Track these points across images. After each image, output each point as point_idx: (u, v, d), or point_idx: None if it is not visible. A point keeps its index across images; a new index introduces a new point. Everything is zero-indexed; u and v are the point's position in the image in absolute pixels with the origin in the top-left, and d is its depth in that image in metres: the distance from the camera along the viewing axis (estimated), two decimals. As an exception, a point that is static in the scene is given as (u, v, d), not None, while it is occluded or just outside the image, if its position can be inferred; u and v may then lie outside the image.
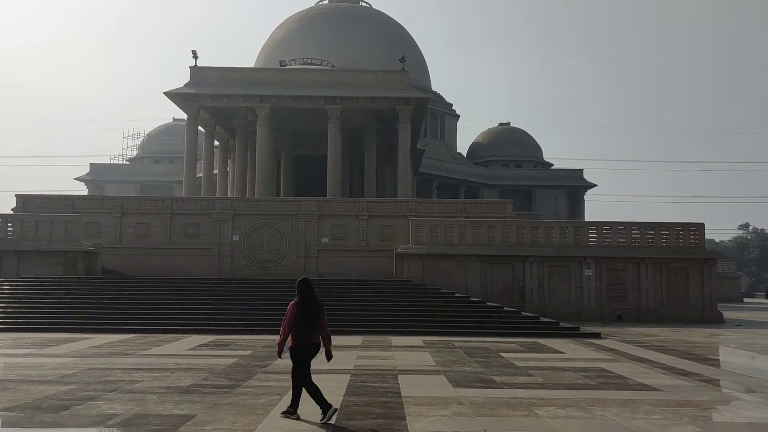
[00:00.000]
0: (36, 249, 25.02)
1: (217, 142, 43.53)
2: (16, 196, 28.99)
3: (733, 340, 18.63)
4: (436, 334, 17.75)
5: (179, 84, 36.13)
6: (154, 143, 63.44)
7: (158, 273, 26.63)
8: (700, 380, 10.87)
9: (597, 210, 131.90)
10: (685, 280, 26.34)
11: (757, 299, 66.97)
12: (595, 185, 63.64)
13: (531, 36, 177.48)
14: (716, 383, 10.68)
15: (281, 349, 7.48)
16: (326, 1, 57.54)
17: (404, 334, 17.69)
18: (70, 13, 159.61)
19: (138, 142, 65.00)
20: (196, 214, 29.22)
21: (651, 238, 26.79)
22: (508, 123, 68.98)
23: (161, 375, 10.60)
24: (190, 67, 36.53)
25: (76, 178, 60.58)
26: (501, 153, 64.76)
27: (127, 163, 64.21)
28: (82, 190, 59.02)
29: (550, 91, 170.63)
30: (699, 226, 27.06)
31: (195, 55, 36.73)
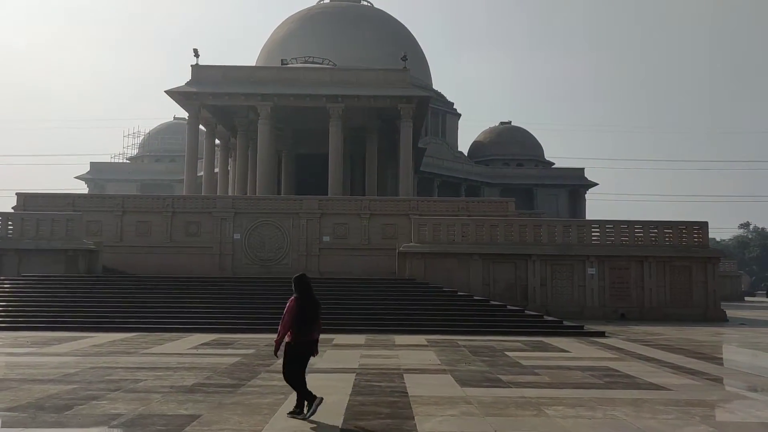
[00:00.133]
0: (37, 247, 24.92)
1: (218, 141, 43.41)
2: (16, 194, 28.89)
3: (738, 339, 18.52)
4: (439, 333, 17.65)
5: (180, 83, 36.03)
6: (154, 142, 63.30)
7: (159, 271, 26.53)
8: (708, 379, 10.78)
9: (598, 209, 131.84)
10: (688, 278, 26.24)
11: (758, 298, 66.90)
12: (596, 184, 63.50)
13: (532, 35, 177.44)
14: (725, 382, 10.58)
15: (279, 347, 7.35)
16: (327, 0, 57.39)
17: (408, 333, 17.60)
18: (71, 12, 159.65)
19: (138, 140, 64.88)
20: (198, 212, 29.12)
21: (654, 236, 26.69)
22: (510, 122, 68.84)
23: (164, 374, 10.50)
24: (192, 65, 36.42)
25: (76, 177, 60.48)
26: (502, 152, 64.62)
27: (128, 161, 64.07)
28: (82, 189, 58.92)
29: (552, 90, 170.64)
30: (702, 225, 26.96)
31: (196, 53, 36.62)
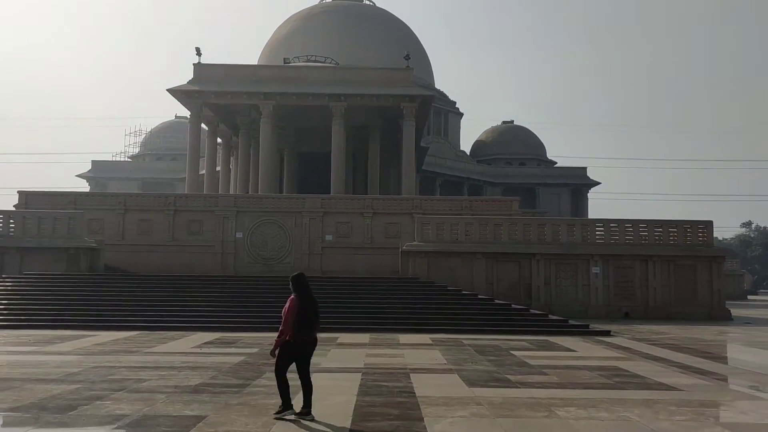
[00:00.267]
0: (39, 245, 24.83)
1: (220, 140, 43.28)
2: (18, 192, 28.77)
3: (744, 338, 18.39)
4: (444, 332, 17.52)
5: (181, 82, 35.90)
6: (156, 140, 63.18)
7: (161, 270, 26.42)
8: (718, 379, 10.66)
9: (600, 208, 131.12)
10: (693, 277, 26.09)
11: (760, 297, 66.73)
12: (598, 183, 63.27)
13: (535, 34, 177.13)
14: (735, 382, 10.45)
15: (278, 346, 7.21)
16: (329, -1, 57.22)
17: (412, 332, 17.47)
18: (73, 10, 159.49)
19: (140, 139, 64.76)
20: (200, 211, 28.99)
21: (659, 235, 26.55)
22: (512, 121, 68.64)
23: (168, 373, 10.39)
24: (194, 64, 36.29)
25: (78, 175, 60.38)
26: (504, 151, 64.42)
27: (129, 160, 63.96)
28: (84, 188, 58.80)
29: (554, 89, 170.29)
30: (707, 224, 26.82)
31: (198, 52, 36.49)
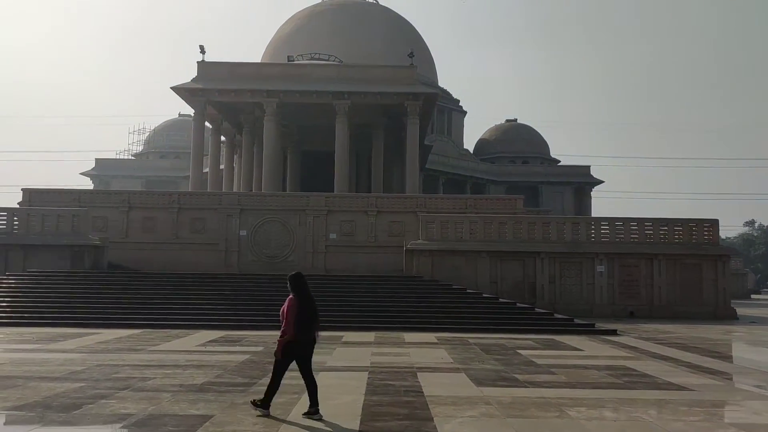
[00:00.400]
0: (43, 243, 24.78)
1: (224, 138, 43.20)
2: (22, 190, 28.71)
3: (751, 337, 18.27)
4: (449, 331, 17.42)
5: (184, 80, 35.82)
6: (159, 139, 63.15)
7: (165, 268, 26.35)
8: (728, 379, 10.55)
9: (604, 206, 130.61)
10: (698, 276, 25.95)
11: (763, 296, 66.48)
12: (602, 182, 63.03)
13: (538, 32, 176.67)
14: (745, 382, 10.32)
15: (282, 347, 7.11)
16: (332, -4, 57.03)
17: (417, 331, 17.38)
18: (75, 8, 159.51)
19: (144, 137, 64.72)
20: (203, 208, 28.91)
21: (664, 234, 26.43)
22: (515, 119, 68.44)
23: (173, 372, 10.31)
24: (198, 62, 36.22)
25: (81, 173, 60.41)
26: (508, 149, 64.23)
27: (133, 158, 63.94)
28: (87, 185, 58.81)
29: (557, 87, 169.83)
30: (713, 222, 26.67)
31: (202, 50, 36.43)
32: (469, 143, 65.66)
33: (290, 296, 7.18)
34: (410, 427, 6.77)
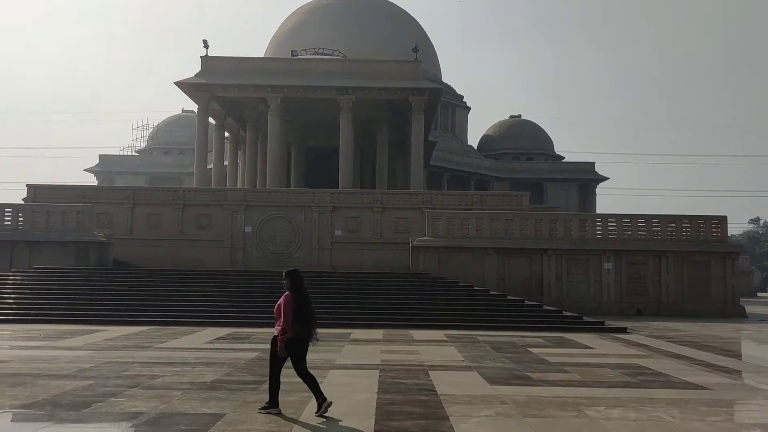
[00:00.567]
0: (48, 239, 24.69)
1: (228, 134, 43.07)
2: (26, 186, 28.60)
3: (762, 336, 18.12)
4: (457, 328, 17.31)
5: (186, 75, 35.61)
6: (163, 134, 62.99)
7: (170, 264, 26.24)
8: (744, 377, 10.41)
9: (608, 203, 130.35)
10: (707, 273, 25.78)
11: (770, 294, 66.19)
12: (606, 178, 62.75)
13: (542, 27, 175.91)
14: (763, 381, 10.16)
15: (284, 344, 7.00)
16: (336, -9, 56.77)
17: (425, 328, 17.26)
18: (77, 4, 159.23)
19: (147, 133, 64.56)
20: (208, 205, 28.79)
21: (672, 231, 26.25)
22: (519, 115, 68.17)
23: (182, 369, 10.20)
24: (201, 56, 36.00)
25: (85, 170, 60.25)
26: (512, 146, 63.98)
27: (137, 154, 63.84)
28: (91, 181, 58.75)
29: (562, 83, 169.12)
30: (721, 219, 26.48)
31: (206, 44, 36.20)
32: (473, 139, 65.45)
33: (286, 293, 7.11)
34: (426, 426, 6.64)
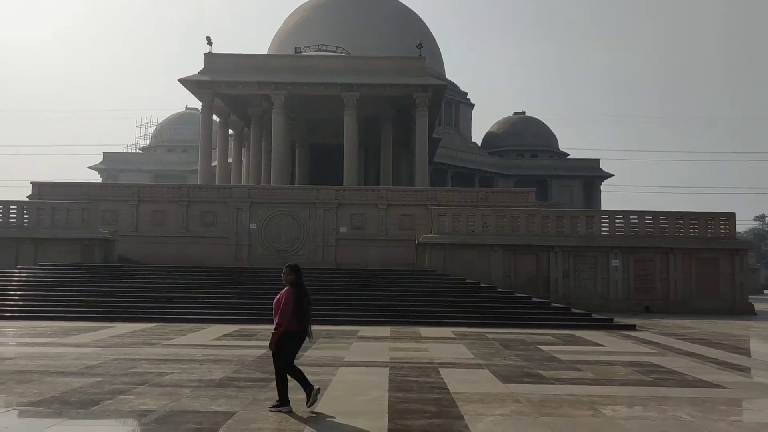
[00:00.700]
0: (53, 236, 24.64)
1: (232, 131, 42.96)
2: (31, 183, 28.53)
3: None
4: (465, 325, 17.18)
5: (191, 72, 35.49)
6: (167, 132, 62.94)
7: (175, 261, 26.17)
8: (760, 376, 10.25)
9: (613, 200, 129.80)
10: (715, 270, 25.59)
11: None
12: (611, 175, 62.51)
13: (545, 23, 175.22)
14: (778, 379, 10.02)
15: (277, 339, 6.93)
16: (340, -12, 56.55)
17: (432, 325, 17.14)
18: (81, 2, 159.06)
19: (151, 131, 64.55)
20: (213, 202, 28.69)
21: (680, 228, 26.05)
22: (523, 112, 67.90)
23: (190, 367, 10.10)
24: (205, 53, 35.89)
25: (89, 167, 60.27)
26: (516, 142, 63.77)
27: (140, 152, 63.81)
28: (95, 179, 58.75)
29: (566, 80, 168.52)
30: (730, 216, 26.28)
31: (209, 41, 36.09)
32: (477, 136, 65.26)
33: (286, 288, 7.06)
34: (441, 425, 6.52)
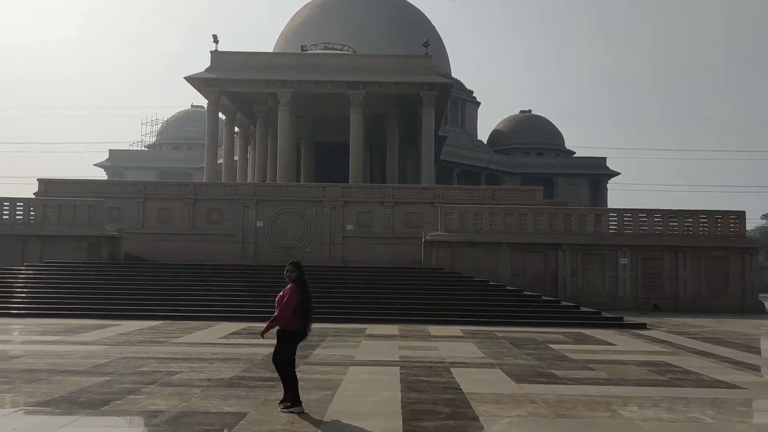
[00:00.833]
0: (59, 234, 24.61)
1: (237, 129, 42.90)
2: (38, 180, 28.56)
3: (785, 333, 17.73)
4: (474, 324, 17.05)
5: (196, 70, 35.43)
6: (172, 130, 62.98)
7: (181, 259, 26.09)
8: (775, 377, 10.10)
9: (620, 199, 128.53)
10: (724, 269, 25.39)
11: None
12: (618, 173, 62.21)
13: (551, 23, 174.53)
14: (795, 380, 9.88)
15: (268, 330, 7.02)
16: (345, -14, 56.38)
17: (441, 324, 17.02)
18: (88, 2, 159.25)
19: (156, 128, 64.63)
20: (220, 199, 28.62)
21: (689, 226, 25.85)
22: (530, 110, 67.64)
23: (199, 366, 10.02)
24: (211, 51, 35.84)
25: (95, 164, 60.37)
26: (522, 140, 63.53)
27: (146, 149, 63.87)
28: (101, 176, 58.81)
29: (572, 78, 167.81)
30: (740, 214, 26.08)
31: (216, 39, 36.02)
32: (482, 134, 65.03)
33: (290, 285, 7.03)
34: (456, 427, 6.40)
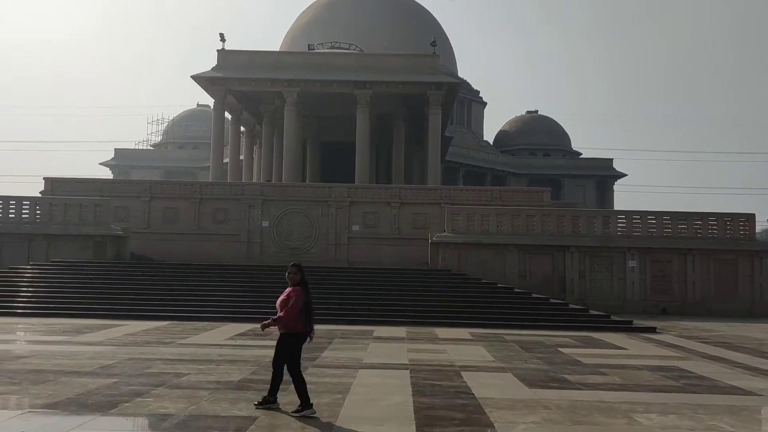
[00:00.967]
0: (65, 233, 24.55)
1: (243, 128, 42.84)
2: (44, 179, 28.52)
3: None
4: (482, 326, 16.89)
5: (202, 69, 35.38)
6: (178, 129, 63.03)
7: (187, 259, 25.98)
8: (792, 383, 9.92)
9: (626, 200, 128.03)
10: (734, 272, 25.14)
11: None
12: (625, 175, 61.95)
13: (557, 23, 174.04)
14: (812, 387, 9.69)
15: (269, 327, 6.99)
16: (352, -15, 56.29)
17: (449, 326, 16.87)
18: (94, 1, 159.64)
19: (162, 127, 64.67)
20: (225, 199, 28.52)
21: (698, 228, 25.63)
22: (536, 111, 67.41)
23: (206, 367, 9.91)
24: (218, 50, 35.76)
25: (101, 163, 60.51)
26: (528, 141, 63.32)
27: (152, 148, 63.94)
28: (107, 175, 58.88)
29: (579, 79, 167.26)
30: (749, 217, 25.83)
31: (222, 38, 35.95)
32: (489, 135, 64.86)
33: (293, 288, 6.94)
34: (471, 433, 6.28)
